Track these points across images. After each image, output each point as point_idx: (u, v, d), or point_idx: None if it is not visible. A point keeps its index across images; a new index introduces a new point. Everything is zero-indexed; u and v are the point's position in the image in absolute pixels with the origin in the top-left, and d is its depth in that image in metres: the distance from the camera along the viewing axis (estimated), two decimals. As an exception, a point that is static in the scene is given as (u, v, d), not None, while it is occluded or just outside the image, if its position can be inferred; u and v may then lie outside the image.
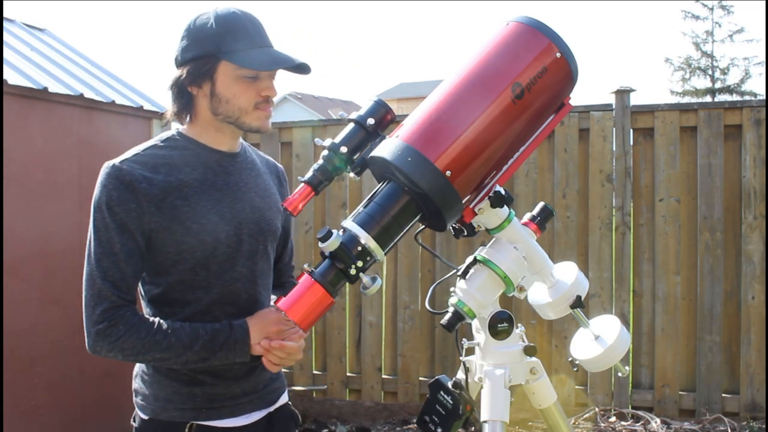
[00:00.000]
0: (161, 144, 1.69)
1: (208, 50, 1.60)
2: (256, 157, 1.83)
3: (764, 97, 10.96)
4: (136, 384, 1.77)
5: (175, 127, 1.74)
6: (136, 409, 1.76)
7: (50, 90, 3.73)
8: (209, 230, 1.62)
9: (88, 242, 1.61)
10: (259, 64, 1.59)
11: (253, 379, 1.73)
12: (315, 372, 4.76)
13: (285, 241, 1.88)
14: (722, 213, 4.16)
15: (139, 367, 1.77)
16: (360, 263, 1.32)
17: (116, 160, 1.65)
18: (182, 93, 1.66)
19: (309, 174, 1.38)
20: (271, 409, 1.79)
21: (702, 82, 26.91)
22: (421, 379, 4.57)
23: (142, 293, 1.70)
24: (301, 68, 1.63)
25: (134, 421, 1.76)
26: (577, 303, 1.51)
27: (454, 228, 1.47)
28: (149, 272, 1.66)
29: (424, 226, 1.49)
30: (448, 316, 1.43)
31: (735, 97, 25.04)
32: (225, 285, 1.66)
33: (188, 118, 1.70)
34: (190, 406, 1.68)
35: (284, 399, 1.85)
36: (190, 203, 1.61)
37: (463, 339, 1.50)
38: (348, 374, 4.73)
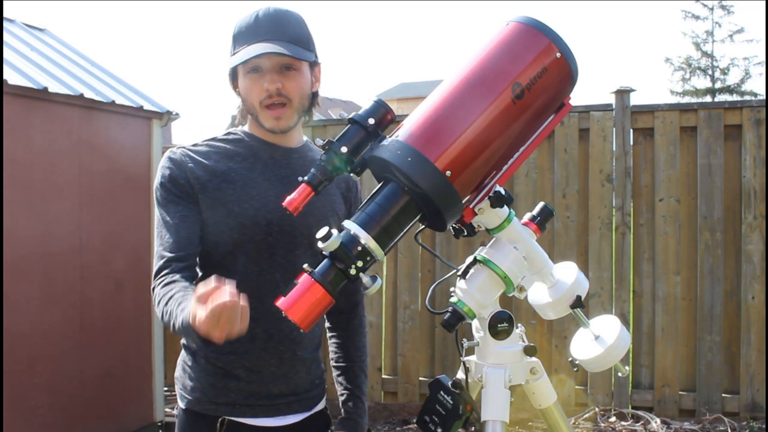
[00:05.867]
0: (220, 137, 1.78)
1: (230, 54, 1.71)
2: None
3: (764, 97, 10.97)
4: (178, 372, 1.79)
5: (229, 125, 1.82)
6: (177, 397, 1.78)
7: (50, 90, 3.73)
8: (249, 215, 1.67)
9: None
10: (237, 58, 1.65)
11: (293, 381, 1.74)
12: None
13: None
14: (722, 213, 4.16)
15: (181, 356, 1.79)
16: (360, 263, 1.32)
17: (174, 147, 1.75)
18: (234, 91, 1.77)
19: (309, 174, 1.38)
20: (308, 414, 1.79)
21: (702, 82, 26.92)
22: (421, 379, 4.57)
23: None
24: (284, 53, 1.64)
25: (176, 408, 1.80)
26: (577, 303, 1.51)
27: (454, 228, 1.47)
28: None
29: (424, 226, 1.48)
30: (448, 316, 1.42)
31: (735, 97, 25.01)
32: (263, 273, 1.69)
33: (247, 118, 1.79)
34: (224, 401, 1.69)
35: (322, 405, 1.85)
36: (235, 188, 1.68)
37: (463, 339, 1.50)
38: (348, 374, 4.72)
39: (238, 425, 1.69)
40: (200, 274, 1.74)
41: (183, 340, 1.77)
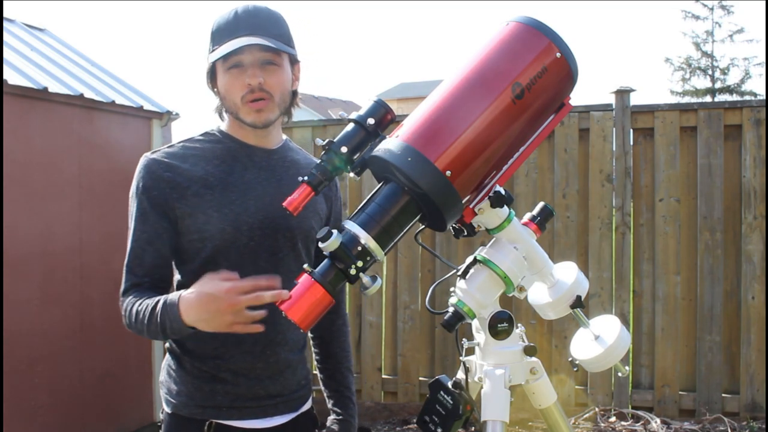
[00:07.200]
0: (198, 138, 1.74)
1: (208, 53, 1.67)
2: (301, 158, 1.83)
3: (764, 97, 10.97)
4: (162, 377, 1.78)
5: (217, 125, 1.78)
6: (162, 401, 1.77)
7: (50, 90, 3.73)
8: (230, 220, 1.64)
9: None
10: (217, 53, 1.62)
11: (279, 383, 1.73)
12: (315, 372, 4.75)
13: None
14: (722, 213, 4.16)
15: (166, 360, 1.78)
16: (360, 263, 1.32)
17: (149, 152, 1.71)
18: (212, 90, 1.73)
19: (309, 174, 1.38)
20: (295, 414, 1.78)
21: (702, 82, 26.90)
22: (421, 379, 4.57)
23: (175, 282, 1.74)
24: (267, 46, 1.62)
25: (162, 413, 1.78)
26: (577, 303, 1.51)
27: (454, 228, 1.47)
28: (177, 261, 1.70)
29: (424, 226, 1.48)
30: (448, 316, 1.42)
31: (735, 97, 25.00)
32: (247, 278, 1.66)
33: (224, 117, 1.75)
34: (210, 404, 1.68)
35: (308, 405, 1.85)
36: (214, 193, 1.65)
37: (463, 339, 1.50)
38: (348, 374, 4.72)
39: (225, 428, 1.68)
40: (181, 281, 1.71)
41: (167, 344, 1.76)
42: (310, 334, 1.94)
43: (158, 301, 1.55)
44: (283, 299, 1.37)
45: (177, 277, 1.73)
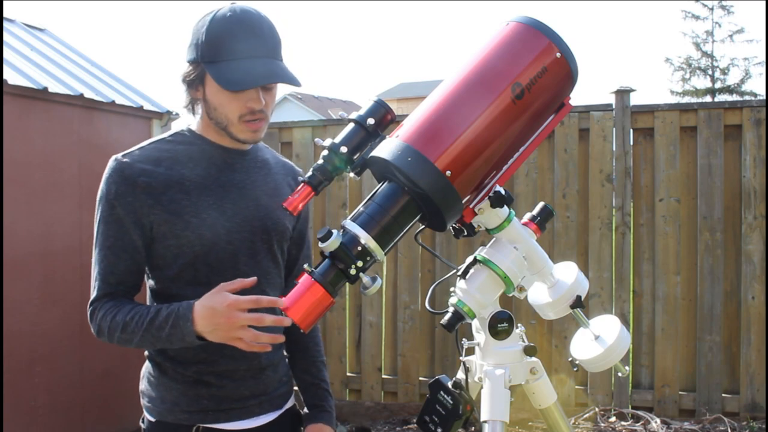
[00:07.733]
0: (169, 138, 1.71)
1: (197, 56, 1.60)
2: (270, 157, 1.82)
3: (764, 97, 10.96)
4: (143, 385, 1.75)
5: (187, 123, 1.75)
6: (144, 410, 1.74)
7: (50, 90, 3.73)
8: (208, 225, 1.62)
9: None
10: (228, 83, 1.55)
11: (261, 382, 1.73)
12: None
13: (300, 246, 1.85)
14: (722, 213, 4.16)
15: (145, 369, 1.76)
16: (360, 263, 1.32)
17: (120, 154, 1.67)
18: (188, 90, 1.66)
19: (309, 174, 1.38)
20: (279, 412, 1.78)
21: (702, 82, 26.94)
22: (421, 379, 4.57)
23: (148, 287, 1.72)
24: (286, 81, 1.59)
25: (143, 422, 1.75)
26: (577, 303, 1.51)
27: (454, 228, 1.47)
28: (152, 265, 1.67)
29: (424, 226, 1.49)
30: (448, 316, 1.42)
31: (735, 97, 25.03)
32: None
33: (195, 115, 1.71)
34: (196, 409, 1.67)
35: (291, 402, 1.84)
36: (191, 198, 1.62)
37: (463, 339, 1.50)
38: (348, 374, 4.73)
39: (212, 431, 1.67)
40: (155, 288, 1.69)
41: (146, 352, 1.74)
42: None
43: (159, 311, 1.55)
44: (285, 324, 1.42)
45: (153, 281, 1.69)
